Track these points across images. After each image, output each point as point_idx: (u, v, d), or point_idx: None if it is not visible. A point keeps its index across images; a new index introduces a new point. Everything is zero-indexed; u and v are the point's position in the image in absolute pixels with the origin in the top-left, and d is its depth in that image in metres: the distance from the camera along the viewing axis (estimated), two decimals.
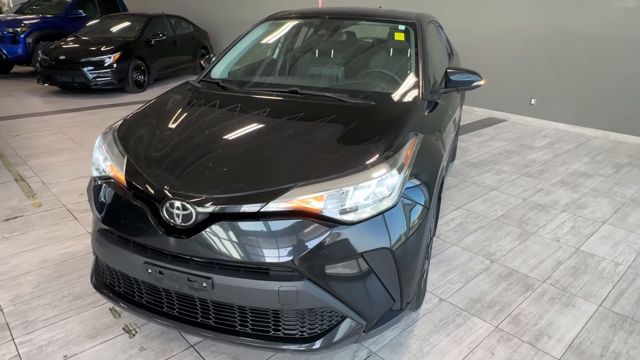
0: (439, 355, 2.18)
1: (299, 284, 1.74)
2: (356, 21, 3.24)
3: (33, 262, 2.89)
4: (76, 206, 3.70)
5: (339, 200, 1.79)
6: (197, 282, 1.78)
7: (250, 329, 1.87)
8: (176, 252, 1.81)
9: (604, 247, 3.27)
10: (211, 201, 1.77)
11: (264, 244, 1.73)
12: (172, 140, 2.14)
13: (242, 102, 2.55)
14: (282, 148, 2.02)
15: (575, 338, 2.33)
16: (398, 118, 2.27)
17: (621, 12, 5.79)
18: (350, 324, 1.87)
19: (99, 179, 2.14)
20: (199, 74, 10.28)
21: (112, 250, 1.99)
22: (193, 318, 1.94)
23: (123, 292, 2.10)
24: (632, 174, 4.80)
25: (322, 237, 1.73)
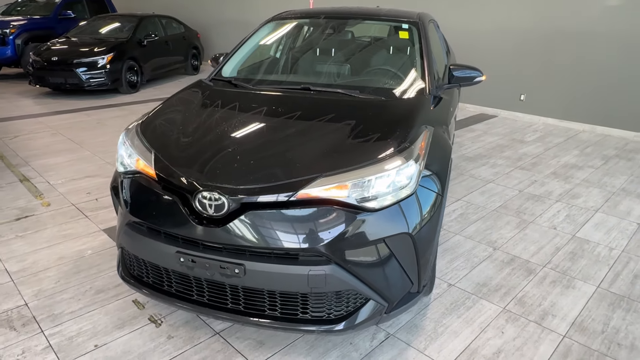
0: (453, 335, 2.31)
1: (327, 268, 1.85)
2: (361, 20, 3.36)
3: (51, 259, 2.94)
4: (86, 205, 3.75)
5: (362, 189, 1.90)
6: (230, 269, 1.88)
7: (280, 313, 1.98)
8: (208, 241, 1.91)
9: (598, 233, 3.44)
10: (243, 191, 1.87)
11: (294, 230, 1.84)
12: (197, 135, 2.23)
13: (259, 98, 2.65)
14: (304, 141, 2.13)
15: (578, 316, 2.48)
16: (409, 112, 2.40)
17: (606, 10, 6.02)
18: (372, 306, 1.99)
19: (126, 174, 2.22)
20: (190, 74, 10.31)
21: (142, 242, 2.07)
22: (223, 304, 2.03)
23: (152, 282, 2.18)
24: (620, 165, 5.01)
25: (348, 223, 1.85)
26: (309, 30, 3.48)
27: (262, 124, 2.30)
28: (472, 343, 2.26)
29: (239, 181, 1.90)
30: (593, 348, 2.25)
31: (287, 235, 1.84)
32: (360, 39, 3.37)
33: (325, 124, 2.27)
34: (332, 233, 1.83)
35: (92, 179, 4.30)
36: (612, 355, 2.20)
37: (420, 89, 2.73)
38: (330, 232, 1.83)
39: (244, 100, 2.62)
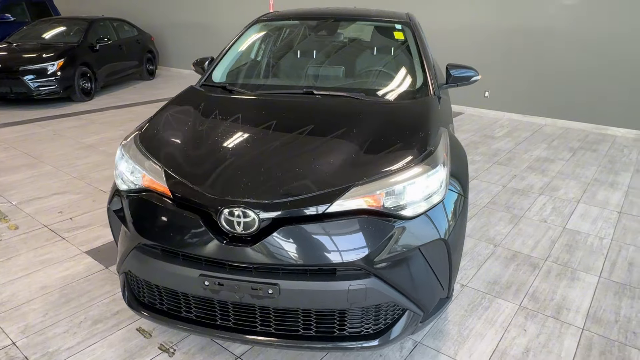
0: (479, 338, 2.29)
1: (367, 281, 1.76)
2: (351, 22, 3.29)
3: (32, 289, 2.65)
4: (60, 225, 3.43)
5: (396, 197, 1.83)
6: (263, 289, 1.75)
7: (315, 332, 1.87)
8: (237, 262, 1.76)
9: (585, 224, 3.58)
10: (274, 206, 1.74)
11: (331, 244, 1.73)
12: (209, 147, 2.07)
13: (264, 105, 2.51)
14: (326, 149, 2.02)
15: (590, 308, 2.54)
16: (423, 114, 2.36)
17: (562, 9, 6.32)
18: (409, 316, 1.92)
19: (130, 192, 2.03)
20: (146, 79, 9.84)
21: (155, 266, 1.89)
22: (251, 327, 1.89)
23: (167, 308, 2.00)
24: (587, 156, 5.27)
25: (386, 233, 1.77)
26: (299, 32, 3.37)
27: (277, 132, 2.17)
28: (499, 344, 2.25)
29: (269, 195, 1.77)
30: (612, 338, 2.31)
31: (324, 249, 1.73)
32: (355, 41, 3.30)
33: (342, 129, 2.18)
34: (371, 244, 1.75)
35: (62, 197, 3.95)
36: (631, 344, 2.27)
37: (425, 90, 2.70)
38: (369, 243, 1.75)
39: (248, 107, 2.48)
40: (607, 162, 5.06)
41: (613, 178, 4.57)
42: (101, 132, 6.05)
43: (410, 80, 2.82)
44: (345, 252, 1.73)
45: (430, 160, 1.95)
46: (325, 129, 2.18)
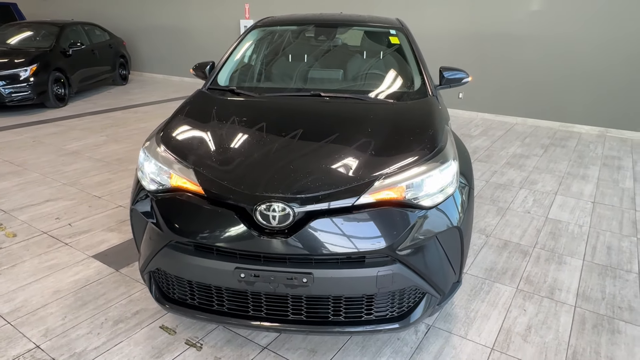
0: (485, 319, 2.48)
1: (394, 267, 1.90)
2: (348, 27, 3.45)
3: (45, 294, 2.65)
4: (59, 231, 3.41)
5: (416, 189, 1.99)
6: (298, 279, 1.86)
7: (344, 317, 2.00)
8: (273, 253, 1.87)
9: (564, 213, 3.86)
10: (308, 200, 1.86)
11: (361, 234, 1.87)
12: (235, 147, 2.17)
13: (277, 106, 2.63)
14: (347, 146, 2.16)
15: (579, 288, 2.79)
16: (428, 113, 2.53)
17: (529, 15, 6.72)
18: (428, 299, 2.08)
19: (158, 193, 2.10)
20: (119, 84, 9.68)
21: (189, 262, 1.97)
22: (283, 316, 2.00)
23: (198, 303, 2.08)
24: (558, 152, 5.64)
25: (409, 222, 1.92)
26: (299, 37, 3.49)
27: (296, 132, 2.28)
28: (503, 323, 2.45)
29: (302, 190, 1.88)
30: (601, 313, 2.55)
31: (355, 239, 1.86)
32: (355, 45, 3.45)
33: (357, 128, 2.32)
34: (396, 232, 1.89)
35: (55, 203, 3.91)
36: (618, 317, 2.51)
37: (424, 91, 2.88)
38: (395, 231, 1.89)
39: (264, 109, 2.59)
40: (576, 157, 5.43)
41: (584, 171, 4.93)
42: (82, 138, 5.96)
43: (410, 83, 3.00)
44: (373, 241, 1.87)
45: (443, 155, 2.13)
46: (341, 128, 2.31)
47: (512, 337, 2.34)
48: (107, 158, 5.15)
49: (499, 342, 2.30)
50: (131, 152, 5.36)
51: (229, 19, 9.80)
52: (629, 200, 4.17)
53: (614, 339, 2.35)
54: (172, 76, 11.20)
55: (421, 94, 2.86)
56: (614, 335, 2.38)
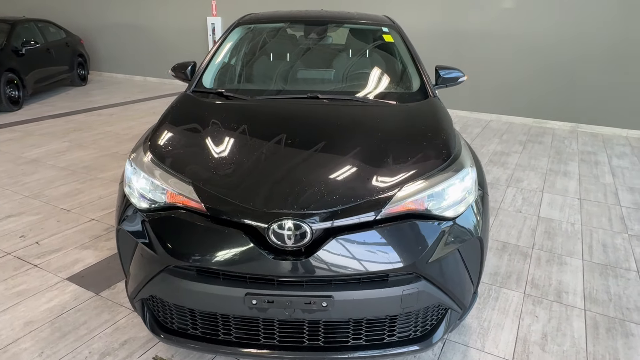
0: (499, 328, 2.39)
1: (419, 284, 1.76)
2: (339, 25, 3.27)
3: (15, 326, 2.35)
4: (26, 251, 3.07)
5: (438, 199, 1.85)
6: (317, 303, 1.69)
7: (365, 341, 1.84)
8: (290, 276, 1.68)
9: (554, 211, 3.86)
10: (327, 216, 1.68)
11: (385, 251, 1.71)
12: (236, 159, 1.96)
13: (274, 111, 2.43)
14: (358, 154, 1.99)
15: (584, 290, 2.75)
16: (436, 116, 2.41)
17: (502, 13, 6.77)
18: (450, 314, 1.95)
19: (151, 211, 1.86)
20: (78, 85, 9.12)
21: (191, 289, 1.75)
22: (299, 342, 1.82)
23: (201, 333, 1.86)
24: (536, 148, 5.70)
25: (434, 234, 1.78)
26: (287, 36, 3.29)
27: (301, 140, 2.10)
28: (518, 332, 2.36)
29: (319, 205, 1.70)
30: (611, 316, 2.51)
31: (379, 256, 1.70)
32: (347, 45, 3.28)
33: (367, 133, 2.16)
34: (422, 247, 1.75)
35: (18, 219, 3.55)
36: (628, 319, 2.48)
37: (425, 92, 2.75)
38: (420, 246, 1.75)
39: (261, 115, 2.38)
40: (554, 153, 5.51)
41: (564, 168, 4.98)
42: (43, 144, 5.51)
43: (410, 83, 2.87)
44: (399, 257, 1.72)
45: (460, 161, 2.01)
46: (349, 135, 2.15)
47: (529, 347, 2.26)
48: (73, 166, 4.76)
49: (518, 353, 2.21)
50: (99, 159, 4.99)
51: (195, 16, 9.41)
52: (613, 195, 4.23)
53: (629, 342, 2.31)
54: (135, 76, 10.68)
55: (422, 94, 2.73)
56: (628, 338, 2.34)
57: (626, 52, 6.16)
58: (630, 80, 6.22)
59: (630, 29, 6.07)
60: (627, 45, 6.14)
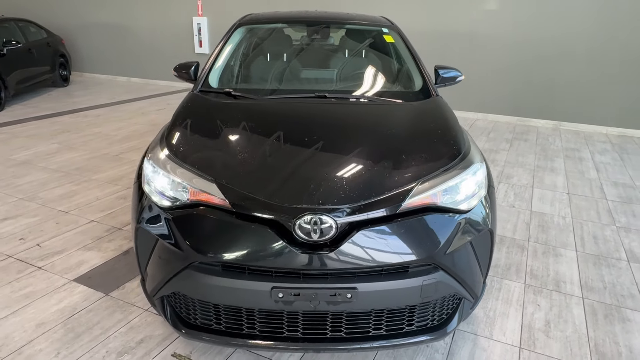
0: (504, 317, 2.49)
1: (437, 275, 1.83)
2: (341, 25, 3.34)
3: (27, 328, 2.33)
4: (27, 254, 3.04)
5: (453, 193, 1.93)
6: (342, 295, 1.74)
7: (385, 331, 1.90)
8: (316, 269, 1.73)
9: (545, 206, 4.01)
10: (351, 210, 1.74)
11: (405, 243, 1.78)
12: (256, 156, 2.00)
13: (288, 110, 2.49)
14: (375, 151, 2.06)
15: (581, 279, 2.88)
16: (443, 114, 2.49)
17: (484, 14, 6.95)
18: (463, 304, 2.03)
19: (174, 209, 1.88)
20: (60, 85, 8.94)
21: (217, 284, 1.78)
22: (322, 334, 1.87)
23: (225, 327, 1.90)
24: (522, 146, 5.88)
25: (451, 227, 1.86)
26: (291, 36, 3.34)
27: (317, 137, 2.14)
28: (523, 320, 2.46)
29: (343, 200, 1.76)
30: (608, 303, 2.64)
31: (401, 248, 1.77)
32: (351, 45, 3.34)
33: (380, 131, 2.24)
34: (440, 239, 1.82)
35: (15, 221, 3.49)
36: (624, 306, 2.62)
37: (427, 90, 2.84)
38: (439, 238, 1.82)
39: (275, 113, 2.43)
40: (540, 150, 5.69)
41: (551, 164, 5.16)
42: (31, 146, 5.41)
43: (414, 82, 2.95)
44: (419, 249, 1.79)
45: (472, 157, 2.10)
46: (363, 132, 2.22)
47: (535, 333, 2.36)
48: (65, 168, 4.69)
49: (525, 340, 2.31)
50: (91, 160, 4.93)
51: (181, 16, 9.34)
52: (598, 190, 4.41)
53: (626, 327, 2.44)
54: (118, 76, 10.53)
55: (425, 93, 2.82)
56: (625, 323, 2.47)
57: (604, 53, 6.40)
58: (609, 80, 6.47)
59: (608, 32, 6.31)
60: (605, 46, 6.38)
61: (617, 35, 6.29)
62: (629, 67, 6.35)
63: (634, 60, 6.30)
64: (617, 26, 6.27)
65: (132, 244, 3.16)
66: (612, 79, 6.46)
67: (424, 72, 2.96)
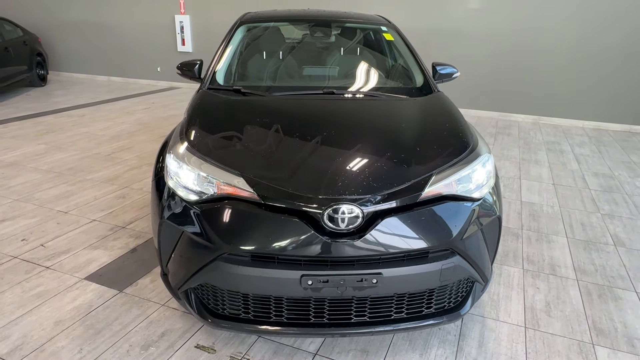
0: (508, 300, 2.63)
1: (455, 259, 1.95)
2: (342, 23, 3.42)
3: (45, 327, 2.34)
4: (33, 254, 3.02)
5: (466, 182, 2.05)
6: (368, 280, 1.84)
7: (406, 314, 2.00)
8: (344, 257, 1.82)
9: (534, 196, 4.20)
10: (376, 200, 1.84)
11: (426, 229, 1.89)
12: (278, 149, 2.08)
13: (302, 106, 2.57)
14: (393, 142, 2.16)
15: (573, 263, 3.06)
16: (448, 108, 2.62)
17: (467, 13, 7.16)
18: (475, 288, 2.16)
19: (201, 203, 1.94)
20: (37, 85, 8.74)
21: (247, 274, 1.85)
22: (347, 319, 1.96)
23: (253, 316, 1.97)
24: (507, 140, 6.10)
25: (467, 214, 1.98)
26: (293, 35, 3.40)
27: (334, 131, 2.24)
28: (525, 302, 2.61)
29: (367, 189, 1.85)
30: (600, 284, 2.82)
31: (422, 234, 1.87)
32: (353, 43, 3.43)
33: (390, 125, 2.34)
34: (457, 225, 1.94)
35: (14, 223, 3.45)
36: (614, 286, 2.80)
37: (429, 86, 2.96)
38: (456, 224, 1.94)
39: (290, 109, 2.50)
40: (523, 144, 5.92)
41: (534, 157, 5.39)
42: (17, 147, 5.30)
43: (415, 78, 3.06)
44: (439, 235, 1.90)
45: (480, 148, 2.22)
46: (378, 126, 2.32)
47: (537, 314, 2.51)
48: (57, 168, 4.63)
49: (529, 320, 2.46)
50: (83, 160, 4.87)
51: (162, 14, 9.25)
52: (581, 180, 4.64)
53: (619, 305, 2.61)
54: (98, 76, 10.34)
55: (427, 89, 2.94)
56: (617, 302, 2.65)
57: (580, 50, 6.70)
58: (584, 76, 6.77)
59: (583, 28, 6.61)
60: (580, 42, 6.68)
61: (592, 31, 6.59)
62: (603, 64, 6.66)
63: (608, 56, 6.61)
64: (592, 22, 6.56)
65: (138, 242, 3.19)
66: (587, 75, 6.76)
67: (424, 68, 3.08)
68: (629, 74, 6.58)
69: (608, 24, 6.48)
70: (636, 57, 6.49)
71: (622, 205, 4.05)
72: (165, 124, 6.51)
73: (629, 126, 6.80)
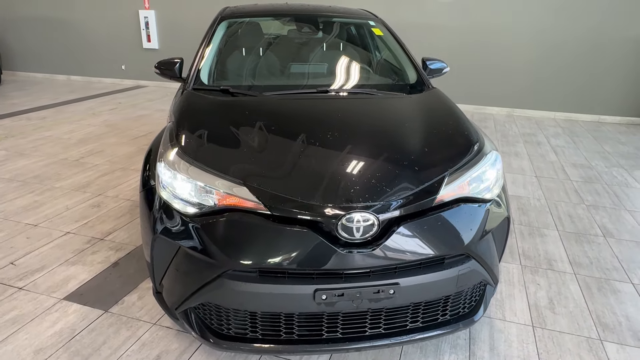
0: (511, 298, 2.60)
1: (470, 264, 1.87)
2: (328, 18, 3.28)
3: (24, 356, 2.11)
4: (2, 273, 2.75)
5: (478, 183, 1.98)
6: (385, 291, 1.73)
7: (421, 323, 1.92)
8: (360, 268, 1.71)
9: (519, 189, 4.22)
10: (390, 206, 1.73)
11: (443, 234, 1.81)
12: (281, 155, 1.93)
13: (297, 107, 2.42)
14: (400, 145, 2.06)
15: (568, 256, 3.06)
16: (449, 106, 2.54)
17: (440, 6, 7.16)
18: (487, 291, 2.10)
19: (200, 215, 1.78)
20: None
21: (254, 291, 1.71)
22: (361, 332, 1.85)
23: (261, 335, 1.83)
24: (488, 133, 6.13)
25: (481, 216, 1.91)
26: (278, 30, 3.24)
27: (336, 133, 2.11)
28: (529, 300, 2.58)
29: (381, 196, 1.74)
30: (597, 277, 2.83)
31: (438, 240, 1.79)
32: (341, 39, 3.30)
33: (393, 125, 2.24)
34: (472, 228, 1.86)
35: None
36: (610, 277, 2.82)
37: (423, 82, 2.88)
38: (472, 227, 1.86)
39: (285, 110, 2.35)
40: (501, 137, 5.98)
41: (513, 149, 5.44)
42: None
43: (408, 74, 2.97)
44: (455, 240, 1.82)
45: (488, 147, 2.15)
46: (379, 127, 2.21)
47: (542, 311, 2.49)
48: (21, 176, 4.29)
49: (535, 319, 2.43)
50: (49, 167, 4.54)
51: (125, 9, 8.81)
52: (562, 171, 4.71)
53: (619, 298, 2.63)
54: (57, 75, 9.78)
55: (421, 85, 2.86)
56: (617, 294, 2.66)
57: (550, 42, 6.82)
58: (555, 67, 6.91)
59: (554, 20, 6.73)
60: (551, 35, 6.80)
61: (563, 24, 6.72)
62: (573, 55, 6.81)
63: (575, 48, 6.76)
64: (560, 15, 6.69)
65: (120, 255, 2.98)
66: (556, 67, 6.90)
67: (416, 64, 3.00)
68: (595, 65, 6.76)
69: (575, 16, 6.63)
70: (601, 48, 6.67)
71: (604, 195, 4.12)
72: (136, 124, 6.20)
73: (598, 116, 7.00)
